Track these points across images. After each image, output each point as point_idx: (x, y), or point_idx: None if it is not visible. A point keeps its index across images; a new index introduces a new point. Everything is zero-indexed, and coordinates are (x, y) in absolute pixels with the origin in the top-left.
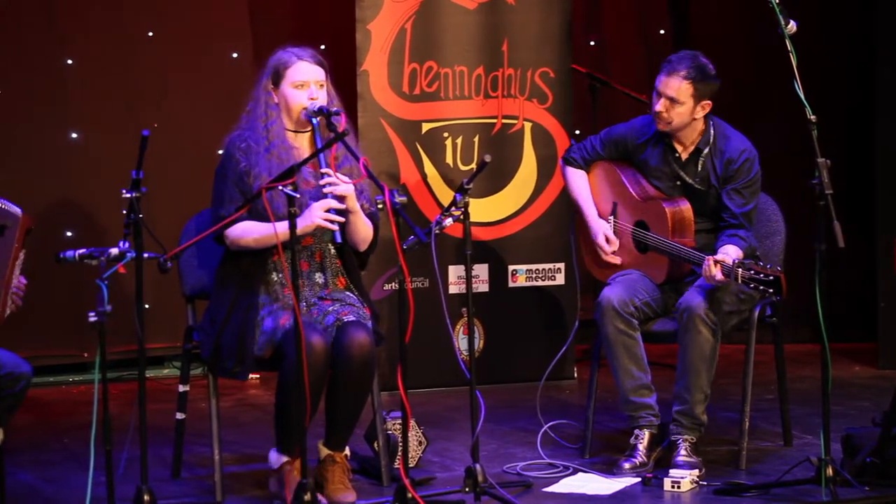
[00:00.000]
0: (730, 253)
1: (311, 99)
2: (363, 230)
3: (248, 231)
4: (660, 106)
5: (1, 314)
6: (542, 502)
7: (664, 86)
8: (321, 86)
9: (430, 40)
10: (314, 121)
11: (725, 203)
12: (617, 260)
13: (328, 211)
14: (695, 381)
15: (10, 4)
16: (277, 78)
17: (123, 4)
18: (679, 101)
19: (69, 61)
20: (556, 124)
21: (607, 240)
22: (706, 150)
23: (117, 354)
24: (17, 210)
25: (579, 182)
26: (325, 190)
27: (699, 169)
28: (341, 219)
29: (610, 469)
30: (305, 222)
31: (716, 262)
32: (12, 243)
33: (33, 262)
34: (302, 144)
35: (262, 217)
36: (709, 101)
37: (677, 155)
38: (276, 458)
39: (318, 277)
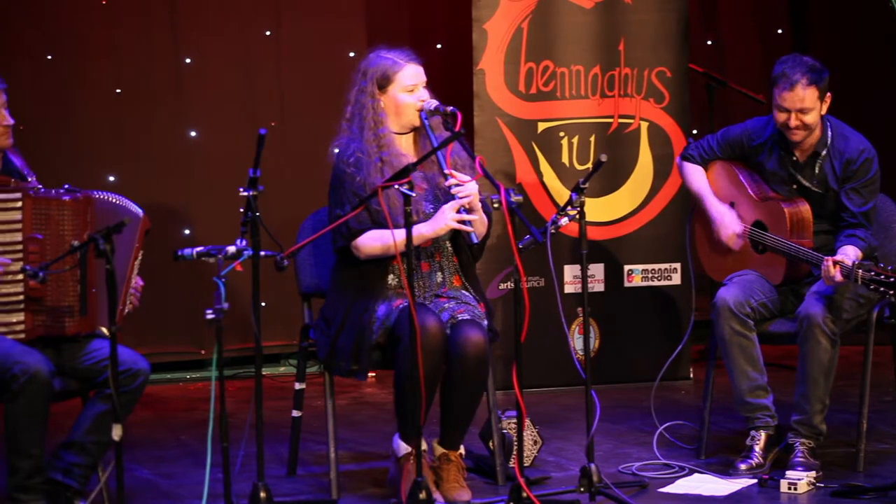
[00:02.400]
0: (849, 253)
1: (422, 100)
2: (480, 226)
3: (378, 239)
4: (792, 121)
5: (120, 312)
6: (657, 503)
7: (790, 101)
8: (425, 86)
9: (547, 40)
10: (427, 121)
11: (844, 203)
12: (737, 244)
13: (459, 212)
14: (813, 391)
15: (132, 4)
16: (385, 83)
17: (241, 4)
18: (809, 108)
19: (188, 60)
20: (673, 124)
21: (730, 222)
22: (823, 153)
23: (234, 352)
24: (138, 210)
25: (697, 176)
26: (454, 191)
27: (816, 172)
28: (475, 216)
29: (726, 470)
30: (438, 224)
31: (835, 262)
32: (133, 243)
33: (152, 259)
34: (409, 149)
35: (382, 224)
36: (829, 94)
37: (794, 158)
38: (397, 446)
39: (438, 277)
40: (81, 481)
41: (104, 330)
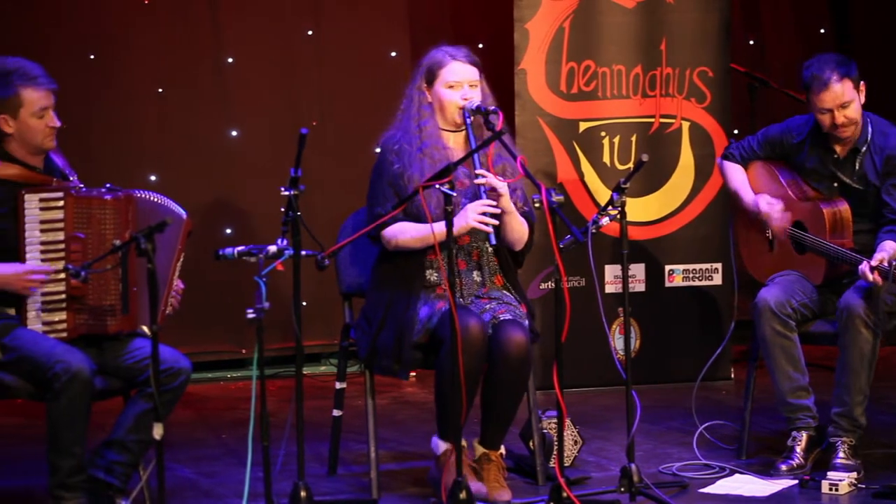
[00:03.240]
0: (887, 249)
1: (465, 99)
2: (517, 230)
3: (404, 231)
4: (838, 119)
5: (161, 313)
6: (697, 503)
7: (829, 100)
8: (473, 85)
9: (588, 39)
10: (468, 120)
11: (884, 199)
12: (784, 221)
13: (483, 213)
14: (854, 381)
15: (174, 4)
16: (431, 77)
17: (283, 4)
18: (848, 101)
19: (230, 60)
20: (715, 124)
21: (769, 203)
22: (864, 149)
23: (275, 351)
24: (181, 211)
25: (737, 174)
26: (480, 188)
27: (857, 168)
28: (495, 221)
29: (767, 471)
30: (460, 223)
31: (872, 268)
32: (175, 244)
33: (193, 258)
34: (456, 144)
35: (417, 217)
36: (862, 83)
37: (835, 155)
38: (436, 445)
39: (476, 276)
40: (123, 479)
41: (145, 329)
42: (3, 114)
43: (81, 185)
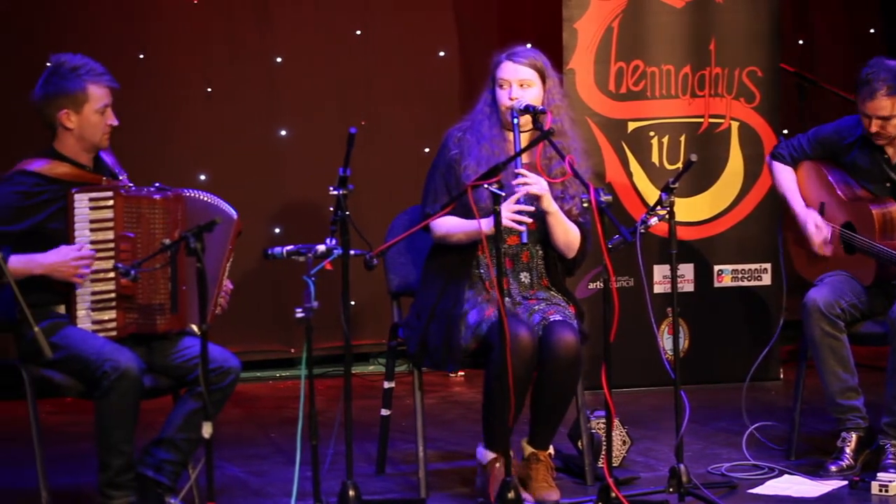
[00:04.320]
0: None
1: (512, 98)
2: (562, 233)
3: (452, 227)
4: (874, 127)
5: (210, 312)
6: None
7: (872, 109)
8: (523, 85)
9: (637, 39)
10: (515, 120)
11: None
12: (828, 250)
13: (519, 212)
14: None
15: (223, 4)
16: (493, 76)
17: (332, 3)
18: (890, 115)
19: (278, 59)
20: (764, 124)
21: (817, 227)
22: None
23: (323, 350)
24: (232, 211)
25: (787, 177)
26: (519, 191)
27: None
28: (528, 220)
29: (816, 471)
30: (493, 221)
31: None
32: (226, 244)
33: (242, 257)
34: (522, 144)
35: (467, 210)
36: None
37: (886, 156)
38: (482, 454)
39: (524, 277)
40: (172, 478)
41: (194, 327)
42: (66, 108)
43: (131, 185)
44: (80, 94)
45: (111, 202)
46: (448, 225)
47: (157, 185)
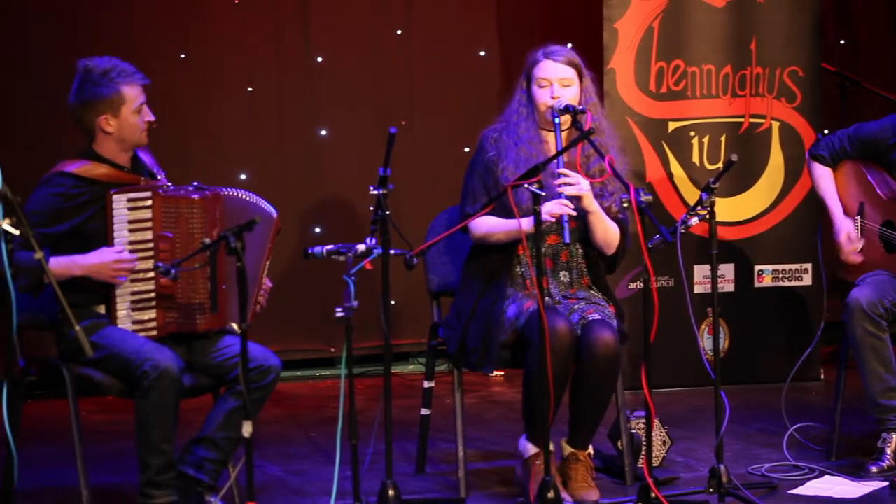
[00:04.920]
0: None
1: (554, 98)
2: (602, 232)
3: (491, 225)
4: None
5: (251, 311)
6: None
7: None
8: (565, 84)
9: (678, 39)
10: (556, 119)
11: None
12: (857, 259)
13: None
14: None
15: (264, 4)
16: (529, 76)
17: (373, 3)
18: None
19: (319, 59)
20: (805, 124)
21: (849, 238)
22: None
23: (363, 350)
24: (271, 210)
25: (826, 179)
26: (560, 190)
27: None
28: (567, 210)
29: (857, 472)
30: (534, 220)
31: None
32: (266, 242)
33: (283, 257)
34: (553, 141)
35: (507, 211)
36: None
37: None
38: (524, 447)
39: (563, 276)
40: (213, 476)
41: (235, 326)
42: (104, 113)
43: (169, 184)
44: (115, 97)
45: (149, 202)
46: (488, 225)
47: (195, 183)
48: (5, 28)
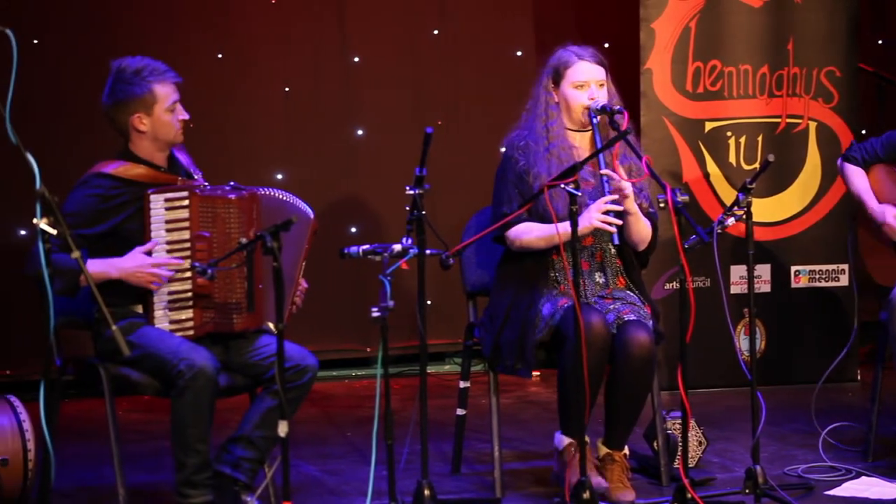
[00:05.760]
0: None
1: (591, 99)
2: (642, 231)
3: (529, 231)
4: None
5: (287, 311)
6: None
7: None
8: (601, 85)
9: (715, 39)
10: (594, 120)
11: None
12: None
13: (606, 213)
14: None
15: (301, 3)
16: (558, 77)
17: (410, 3)
18: None
19: (356, 59)
20: (842, 124)
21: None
22: None
23: (399, 350)
24: (308, 210)
25: (859, 178)
26: (608, 188)
27: None
28: (618, 221)
29: (894, 473)
30: (583, 223)
31: None
32: (303, 243)
33: (318, 256)
34: (582, 144)
35: (541, 217)
36: None
37: None
38: (559, 440)
39: (599, 277)
40: (249, 475)
41: (271, 326)
42: (137, 112)
43: (206, 184)
44: (147, 96)
45: (186, 202)
46: (527, 235)
47: (231, 183)
48: (45, 29)
